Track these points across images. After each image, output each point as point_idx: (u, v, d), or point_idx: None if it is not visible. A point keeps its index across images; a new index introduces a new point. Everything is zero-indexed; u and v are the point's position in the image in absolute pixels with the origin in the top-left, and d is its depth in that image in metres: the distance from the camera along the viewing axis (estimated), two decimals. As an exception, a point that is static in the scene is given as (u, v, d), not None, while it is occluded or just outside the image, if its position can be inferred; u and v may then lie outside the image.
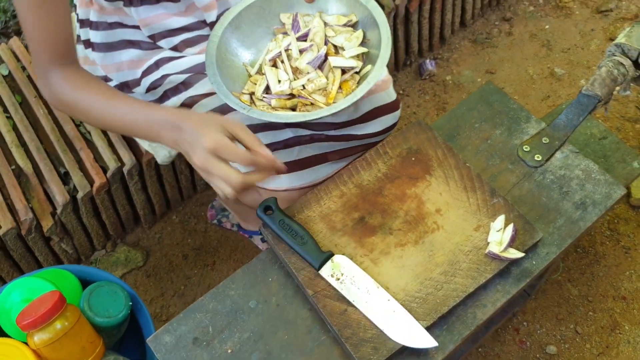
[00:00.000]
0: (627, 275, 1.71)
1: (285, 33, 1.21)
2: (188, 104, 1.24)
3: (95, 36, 1.28)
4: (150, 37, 1.26)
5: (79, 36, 1.35)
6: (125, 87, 1.35)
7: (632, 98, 1.99)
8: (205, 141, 0.94)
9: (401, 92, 2.03)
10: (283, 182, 1.24)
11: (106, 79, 1.36)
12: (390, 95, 1.28)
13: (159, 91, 1.29)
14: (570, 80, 2.02)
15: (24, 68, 1.64)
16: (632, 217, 1.79)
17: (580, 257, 1.74)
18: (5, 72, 1.64)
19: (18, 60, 1.65)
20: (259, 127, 1.21)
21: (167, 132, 1.02)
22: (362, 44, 1.17)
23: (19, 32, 2.77)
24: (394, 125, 1.30)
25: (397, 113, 1.29)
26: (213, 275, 1.71)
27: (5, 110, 1.58)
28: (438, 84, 2.05)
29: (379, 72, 1.08)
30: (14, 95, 1.60)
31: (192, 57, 1.26)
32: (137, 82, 1.33)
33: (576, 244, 1.76)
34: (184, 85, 1.25)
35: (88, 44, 1.32)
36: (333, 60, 1.14)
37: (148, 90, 1.31)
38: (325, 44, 1.17)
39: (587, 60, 2.07)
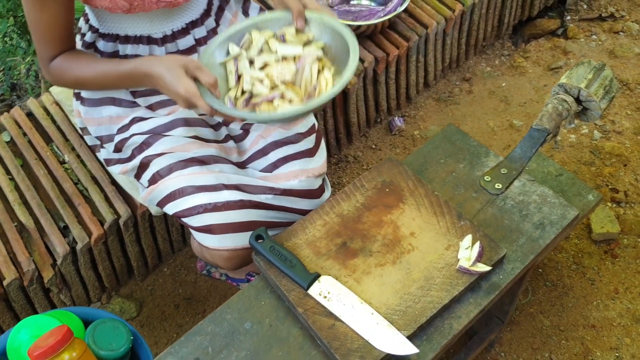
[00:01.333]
0: (595, 305, 1.83)
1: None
2: (145, 163, 1.41)
3: (86, 91, 1.44)
4: (131, 92, 1.42)
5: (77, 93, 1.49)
6: (99, 141, 1.51)
7: (587, 144, 2.18)
8: (180, 92, 1.18)
9: (374, 146, 2.19)
10: (226, 242, 1.35)
11: (85, 132, 1.55)
12: (315, 184, 1.43)
13: (127, 151, 1.45)
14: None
15: (24, 134, 1.77)
16: (594, 251, 1.93)
17: (549, 290, 1.86)
18: (8, 139, 1.76)
19: (19, 127, 1.78)
20: (199, 188, 1.33)
21: (143, 80, 1.26)
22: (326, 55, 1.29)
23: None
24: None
25: (321, 200, 1.45)
26: (205, 323, 1.79)
27: (8, 172, 1.69)
28: (407, 138, 2.22)
29: (354, 65, 1.20)
30: (15, 158, 1.72)
31: (158, 119, 1.42)
32: (110, 138, 1.49)
33: (545, 277, 1.89)
34: (145, 144, 1.41)
35: (79, 96, 1.47)
36: (280, 48, 1.28)
37: (116, 149, 1.47)
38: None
39: (542, 112, 2.26)
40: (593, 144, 2.17)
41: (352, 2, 2.00)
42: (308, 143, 1.44)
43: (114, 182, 1.66)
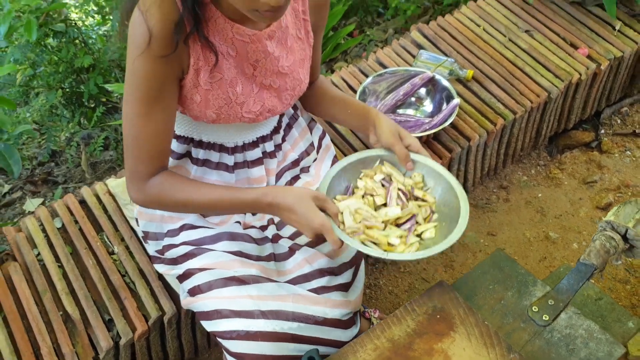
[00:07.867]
0: None
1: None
2: (187, 274, 1.43)
3: None
4: None
5: None
6: (145, 235, 1.54)
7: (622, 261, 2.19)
8: (314, 224, 1.24)
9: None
10: None
11: (137, 221, 1.56)
12: (348, 315, 1.44)
13: (172, 254, 1.47)
14: (564, 244, 2.23)
15: (76, 221, 1.82)
16: (629, 374, 1.91)
17: (584, 413, 1.83)
18: (59, 225, 1.82)
19: (72, 214, 1.83)
20: (235, 313, 1.33)
21: (265, 209, 1.30)
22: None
23: (46, 181, 2.99)
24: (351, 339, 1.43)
25: (352, 331, 1.45)
26: None
27: (57, 259, 1.73)
28: (444, 243, 2.24)
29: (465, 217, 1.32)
30: (66, 246, 1.76)
31: (207, 230, 1.46)
32: (157, 236, 1.52)
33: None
34: (190, 255, 1.43)
35: None
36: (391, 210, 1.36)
37: (162, 251, 1.49)
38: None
39: (578, 225, 2.29)
40: (628, 261, 2.18)
41: (398, 111, 2.07)
42: (347, 276, 1.47)
43: (160, 277, 1.70)
